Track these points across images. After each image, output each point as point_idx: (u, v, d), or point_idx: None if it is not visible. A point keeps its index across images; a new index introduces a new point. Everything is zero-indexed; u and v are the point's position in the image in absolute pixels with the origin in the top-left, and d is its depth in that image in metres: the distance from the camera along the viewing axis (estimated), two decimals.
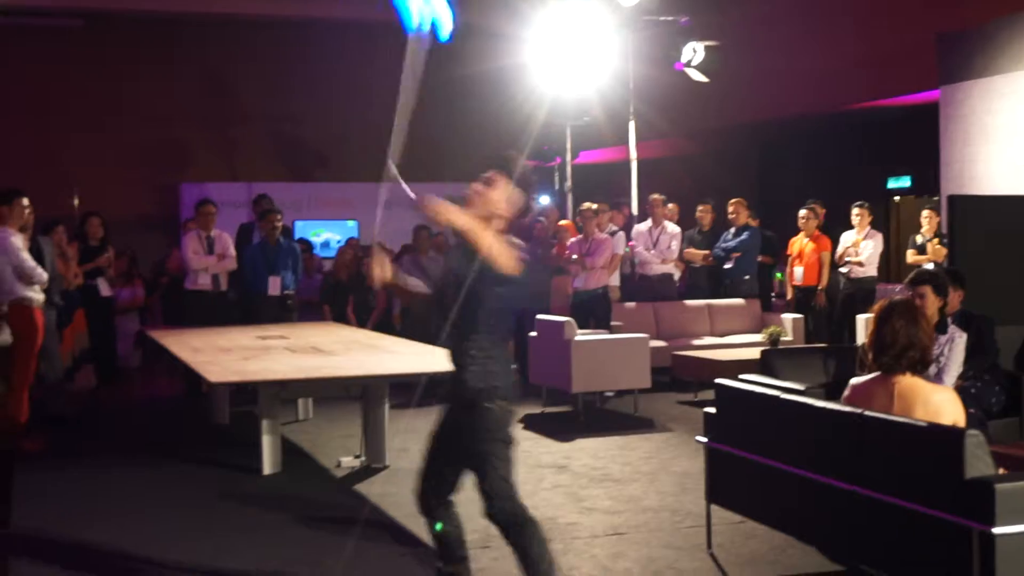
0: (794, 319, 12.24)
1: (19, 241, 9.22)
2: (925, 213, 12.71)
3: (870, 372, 4.99)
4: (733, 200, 13.41)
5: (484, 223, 4.67)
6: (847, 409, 4.98)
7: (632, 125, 14.14)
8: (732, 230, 13.26)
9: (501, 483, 4.65)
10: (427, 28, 4.86)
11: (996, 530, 4.16)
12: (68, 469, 8.47)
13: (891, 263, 13.12)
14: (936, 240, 11.71)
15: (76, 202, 15.00)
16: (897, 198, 15.06)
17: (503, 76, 14.73)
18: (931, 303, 6.67)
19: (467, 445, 4.71)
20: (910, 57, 13.19)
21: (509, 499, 4.66)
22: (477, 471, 4.69)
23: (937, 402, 4.74)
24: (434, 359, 7.50)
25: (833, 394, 5.60)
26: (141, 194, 18.98)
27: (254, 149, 20.62)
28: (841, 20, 14.47)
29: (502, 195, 4.75)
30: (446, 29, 4.88)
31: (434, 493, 4.90)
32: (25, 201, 9.40)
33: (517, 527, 4.66)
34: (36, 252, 9.58)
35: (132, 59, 20.02)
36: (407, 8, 4.77)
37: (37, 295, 9.30)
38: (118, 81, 19.96)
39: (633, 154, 14.27)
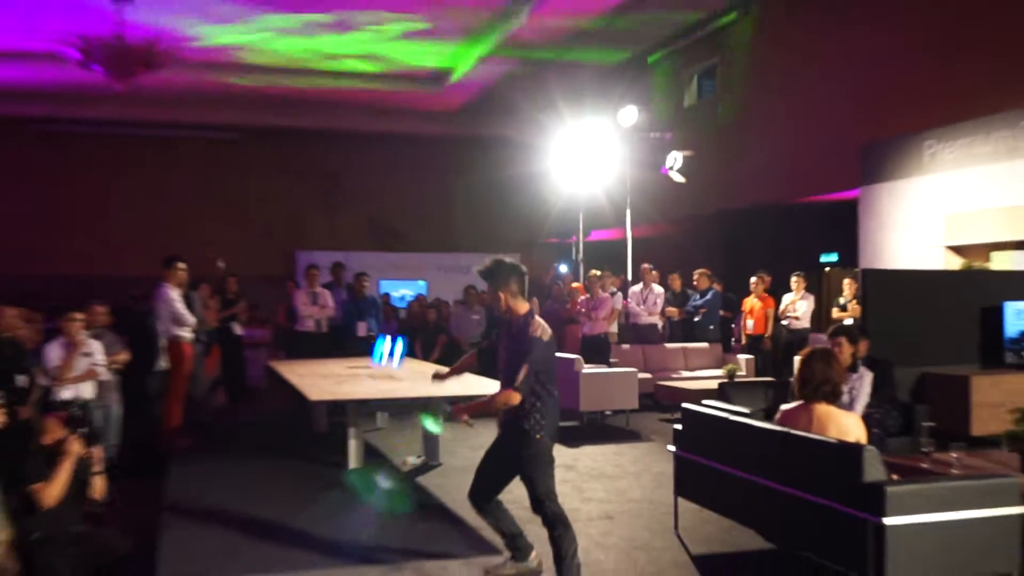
0: (746, 359, 12.21)
1: (175, 294, 9.37)
2: (846, 281, 12.71)
3: (796, 400, 5.04)
4: (697, 271, 13.45)
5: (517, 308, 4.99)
6: (777, 428, 5.04)
7: (628, 213, 14.19)
8: (698, 293, 13.34)
9: (548, 493, 4.83)
10: None
11: (886, 521, 4.21)
12: (208, 461, 8.59)
13: (821, 318, 13.06)
14: (854, 301, 11.70)
15: (221, 265, 15.22)
16: (827, 269, 15.01)
17: (533, 175, 14.88)
18: (846, 350, 6.70)
19: (520, 469, 4.88)
20: (839, 164, 13.22)
21: (553, 503, 4.82)
22: (529, 486, 4.86)
23: (845, 424, 4.80)
24: (475, 384, 7.57)
25: (771, 416, 5.63)
26: (267, 259, 19.18)
27: (352, 227, 20.83)
28: (785, 134, 14.51)
29: (502, 297, 4.99)
30: None
31: (485, 497, 5.07)
32: (181, 265, 9.55)
33: (561, 525, 4.80)
34: (188, 302, 9.74)
35: (269, 160, 20.40)
36: None
37: (187, 334, 9.39)
38: (257, 177, 20.31)
39: (629, 234, 14.33)
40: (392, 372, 9.17)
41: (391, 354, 9.15)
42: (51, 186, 19.36)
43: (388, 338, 9.39)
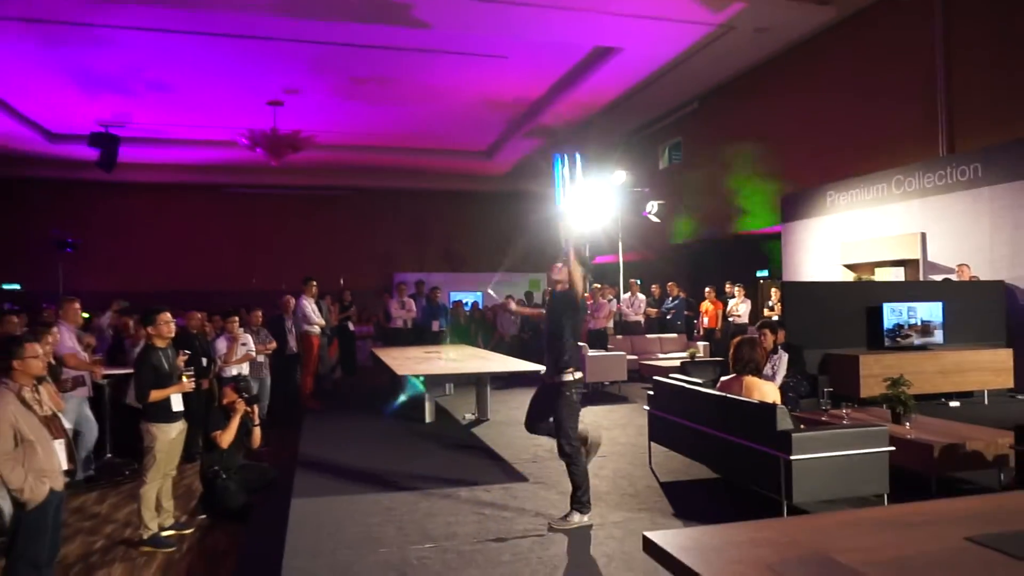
0: (704, 345, 12.08)
1: (309, 303, 9.49)
2: (773, 290, 12.48)
3: (731, 374, 4.98)
4: (670, 283, 13.35)
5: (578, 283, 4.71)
6: (719, 393, 4.97)
7: (620, 244, 14.14)
8: (670, 298, 13.22)
9: (569, 434, 4.60)
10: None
11: (793, 457, 4.15)
12: (331, 418, 8.63)
13: (756, 315, 12.87)
14: (779, 304, 11.52)
15: (341, 282, 15.38)
16: (761, 281, 14.78)
17: (547, 217, 14.84)
18: (768, 338, 6.58)
19: (553, 412, 4.68)
20: (767, 206, 13.07)
21: (571, 443, 4.61)
22: (557, 426, 4.66)
23: (765, 390, 4.73)
24: (512, 364, 7.56)
25: (716, 385, 5.59)
26: (372, 277, 19.34)
27: (431, 255, 20.96)
28: (729, 187, 14.37)
29: (567, 271, 4.70)
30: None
31: (533, 425, 4.89)
32: (313, 282, 9.66)
33: (573, 463, 4.60)
34: (319, 306, 9.85)
35: (375, 209, 20.57)
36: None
37: (315, 330, 9.44)
38: (367, 221, 20.51)
39: (621, 258, 14.26)
40: (455, 354, 9.19)
41: None
42: (233, 229, 19.78)
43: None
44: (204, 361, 6.93)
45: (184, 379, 4.89)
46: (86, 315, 7.52)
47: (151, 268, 18.45)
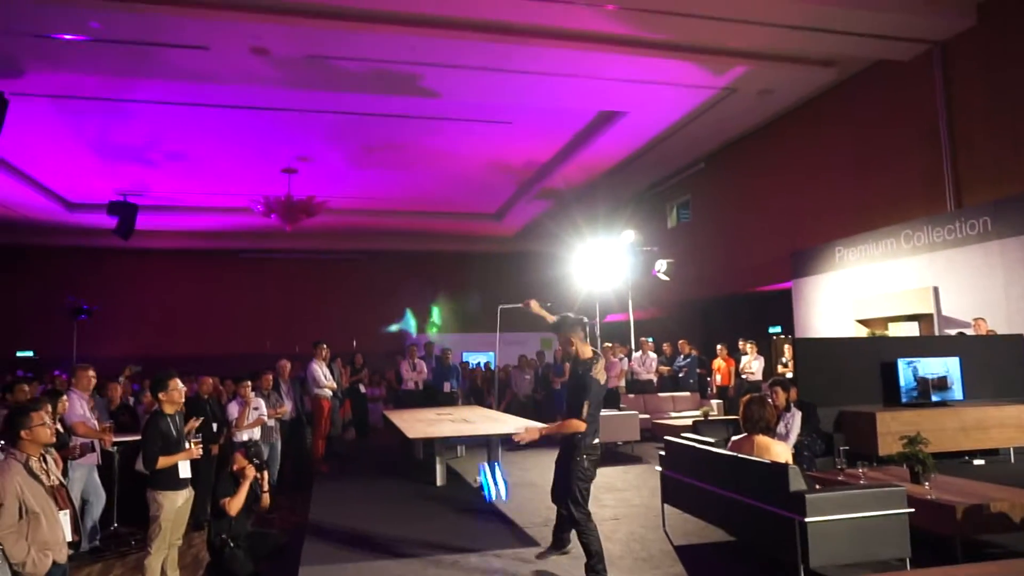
0: (717, 403, 11.89)
1: (319, 365, 9.50)
2: (786, 346, 12.42)
3: (743, 433, 4.91)
4: (681, 340, 13.29)
5: (583, 353, 4.69)
6: (730, 453, 4.90)
7: (630, 302, 14.14)
8: (682, 356, 13.13)
9: (576, 501, 4.56)
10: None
11: (808, 519, 4.05)
12: (343, 481, 8.56)
13: (769, 371, 12.75)
14: (791, 360, 11.41)
15: (354, 344, 15.40)
16: (774, 337, 14.69)
17: (563, 277, 14.89)
18: (780, 395, 6.52)
19: (566, 478, 4.64)
20: (779, 262, 13.07)
21: (576, 510, 4.56)
22: (566, 491, 4.62)
23: (776, 450, 4.65)
24: (525, 425, 7.46)
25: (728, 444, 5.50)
26: (385, 340, 19.34)
27: (442, 317, 20.97)
28: (739, 245, 14.45)
29: (574, 340, 4.73)
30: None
31: (557, 497, 4.80)
32: (324, 346, 9.68)
33: (579, 527, 4.56)
34: (330, 369, 9.86)
35: (386, 272, 20.65)
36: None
37: (326, 392, 9.44)
38: (377, 283, 20.55)
39: (631, 316, 14.24)
40: (467, 416, 9.10)
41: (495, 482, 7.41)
42: (246, 293, 19.98)
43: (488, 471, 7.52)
44: (215, 426, 6.92)
45: (192, 445, 4.88)
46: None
47: (165, 333, 18.59)
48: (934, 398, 8.14)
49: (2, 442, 4.11)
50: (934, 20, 9.47)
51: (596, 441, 4.63)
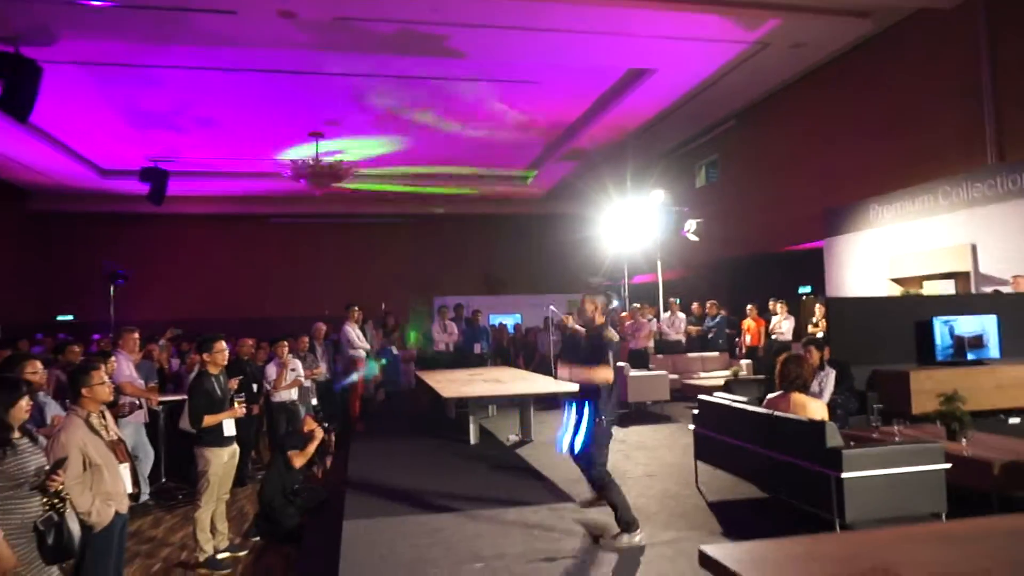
0: (746, 363, 11.88)
1: (353, 329, 9.66)
2: (817, 306, 12.28)
3: (778, 391, 4.93)
4: (709, 302, 13.28)
5: (598, 320, 4.78)
6: (765, 411, 4.93)
7: (659, 263, 14.09)
8: (711, 317, 13.11)
9: (596, 462, 4.65)
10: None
11: (844, 475, 4.10)
12: (376, 439, 8.71)
13: (800, 332, 12.66)
14: (823, 320, 11.33)
15: (383, 306, 15.53)
16: (804, 297, 14.53)
17: (593, 238, 14.84)
18: (815, 354, 6.53)
19: (585, 438, 4.71)
20: (810, 221, 12.88)
21: (596, 470, 4.66)
22: (585, 452, 4.71)
23: (813, 408, 4.68)
24: (555, 385, 7.56)
25: (762, 403, 5.53)
26: (414, 302, 19.45)
27: (470, 279, 20.93)
28: (768, 203, 14.27)
29: (593, 307, 4.81)
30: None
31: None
32: (356, 308, 9.85)
33: (602, 487, 4.67)
34: (363, 331, 10.02)
35: (415, 236, 20.76)
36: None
37: (360, 354, 9.60)
38: (407, 247, 20.61)
39: (660, 277, 14.20)
40: (499, 376, 9.22)
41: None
42: (277, 257, 20.22)
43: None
44: (255, 387, 7.10)
45: (236, 405, 5.04)
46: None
47: (198, 297, 18.94)
48: (970, 356, 8.06)
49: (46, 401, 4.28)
50: None
51: (613, 412, 4.67)
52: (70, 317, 18.34)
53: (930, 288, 10.48)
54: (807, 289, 15.16)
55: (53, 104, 12.18)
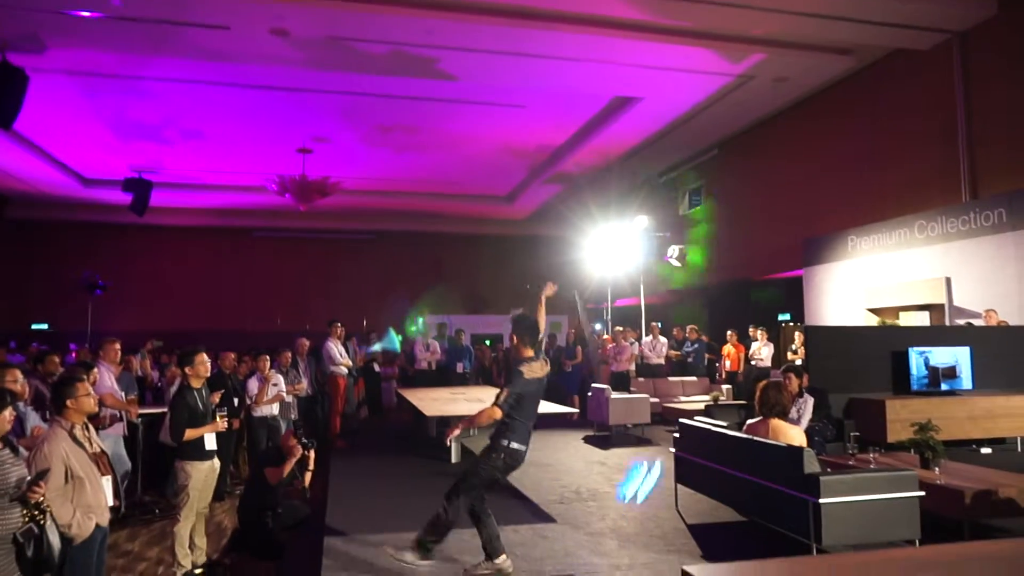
0: (726, 388, 11.97)
1: (336, 345, 9.62)
2: (796, 333, 12.46)
3: (758, 417, 5.01)
4: (689, 326, 13.41)
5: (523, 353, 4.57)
6: (745, 436, 5.01)
7: (642, 287, 14.20)
8: (689, 341, 13.24)
9: (469, 488, 4.49)
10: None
11: (821, 501, 4.17)
12: (358, 457, 8.68)
13: (779, 359, 12.81)
14: (802, 347, 11.48)
15: (364, 323, 15.50)
16: (783, 325, 14.73)
17: (576, 261, 14.94)
18: (794, 382, 6.62)
19: (476, 460, 4.60)
20: (790, 250, 13.07)
21: (464, 497, 4.49)
22: (465, 473, 4.54)
23: (791, 434, 4.76)
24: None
25: (741, 428, 5.60)
26: (397, 321, 19.39)
27: (453, 297, 20.93)
28: (750, 232, 14.48)
29: (515, 340, 4.69)
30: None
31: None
32: (339, 327, 9.80)
33: (449, 507, 4.44)
34: (345, 347, 9.98)
35: (397, 253, 20.67)
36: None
37: (341, 370, 9.57)
38: (389, 263, 20.58)
39: (642, 301, 14.32)
40: (480, 396, 9.22)
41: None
42: (259, 271, 20.10)
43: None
44: (235, 401, 7.06)
45: (218, 418, 5.02)
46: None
47: (178, 308, 18.76)
48: (943, 387, 8.22)
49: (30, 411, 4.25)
50: (954, 9, 9.44)
51: (517, 446, 4.39)
52: (45, 326, 18.08)
53: (906, 319, 10.69)
54: (786, 316, 15.36)
55: (39, 112, 12.13)
